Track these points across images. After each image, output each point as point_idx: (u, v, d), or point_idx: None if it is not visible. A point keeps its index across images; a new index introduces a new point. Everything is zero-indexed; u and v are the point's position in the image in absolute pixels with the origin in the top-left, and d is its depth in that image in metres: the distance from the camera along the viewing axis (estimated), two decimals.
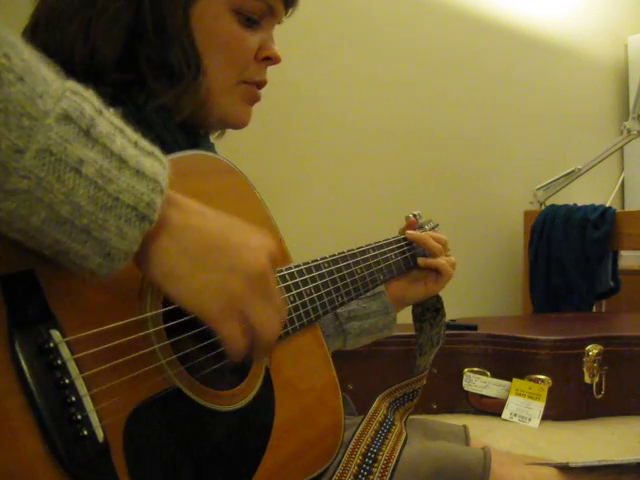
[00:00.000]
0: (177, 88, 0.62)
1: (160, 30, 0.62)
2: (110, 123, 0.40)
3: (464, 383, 1.60)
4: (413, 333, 0.92)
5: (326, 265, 0.69)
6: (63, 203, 0.37)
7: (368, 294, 0.85)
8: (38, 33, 0.62)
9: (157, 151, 0.43)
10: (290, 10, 0.72)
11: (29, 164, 0.35)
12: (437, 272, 0.90)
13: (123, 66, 0.62)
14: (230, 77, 0.67)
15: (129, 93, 0.62)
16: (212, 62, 0.65)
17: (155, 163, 0.42)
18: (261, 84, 0.71)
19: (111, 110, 0.42)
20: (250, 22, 0.67)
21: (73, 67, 0.60)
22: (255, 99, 0.71)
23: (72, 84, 0.39)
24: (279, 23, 0.72)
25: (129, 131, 0.42)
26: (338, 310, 0.85)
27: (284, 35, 0.73)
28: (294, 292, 0.62)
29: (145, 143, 0.43)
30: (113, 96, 0.61)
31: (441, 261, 0.89)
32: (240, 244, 0.46)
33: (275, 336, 0.48)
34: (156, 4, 0.61)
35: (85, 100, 0.39)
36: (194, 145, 0.67)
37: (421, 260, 0.90)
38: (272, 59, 0.70)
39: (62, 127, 0.37)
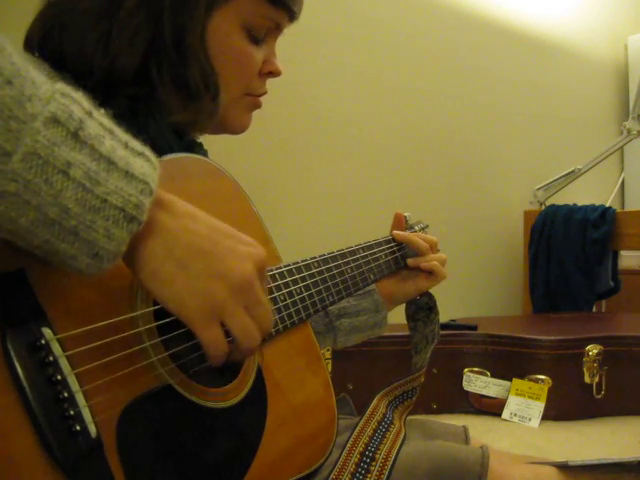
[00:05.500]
0: (194, 106, 0.64)
1: (179, 47, 0.62)
2: (99, 124, 0.40)
3: (464, 383, 1.60)
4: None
5: (316, 265, 0.69)
6: (51, 205, 0.37)
7: (359, 292, 0.85)
8: (52, 37, 0.62)
9: (148, 151, 0.43)
10: (292, 23, 0.74)
11: (17, 167, 0.35)
12: (430, 273, 0.90)
13: (139, 79, 0.62)
14: (237, 91, 0.69)
15: (148, 107, 0.62)
16: (222, 77, 0.66)
17: (145, 164, 0.42)
18: (261, 94, 0.73)
19: (101, 111, 0.42)
20: (256, 40, 0.68)
21: (92, 76, 0.60)
22: (257, 107, 0.74)
23: (62, 86, 0.39)
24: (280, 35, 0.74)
25: (119, 131, 0.42)
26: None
27: (286, 37, 0.74)
28: (284, 291, 0.63)
29: (135, 143, 0.43)
30: (130, 109, 0.61)
31: (434, 262, 0.90)
32: (228, 250, 0.46)
33: (254, 345, 0.48)
34: (176, 19, 0.62)
35: (74, 102, 0.39)
36: (188, 150, 0.66)
37: (411, 261, 0.90)
38: (274, 73, 0.73)
39: (50, 130, 0.37)
